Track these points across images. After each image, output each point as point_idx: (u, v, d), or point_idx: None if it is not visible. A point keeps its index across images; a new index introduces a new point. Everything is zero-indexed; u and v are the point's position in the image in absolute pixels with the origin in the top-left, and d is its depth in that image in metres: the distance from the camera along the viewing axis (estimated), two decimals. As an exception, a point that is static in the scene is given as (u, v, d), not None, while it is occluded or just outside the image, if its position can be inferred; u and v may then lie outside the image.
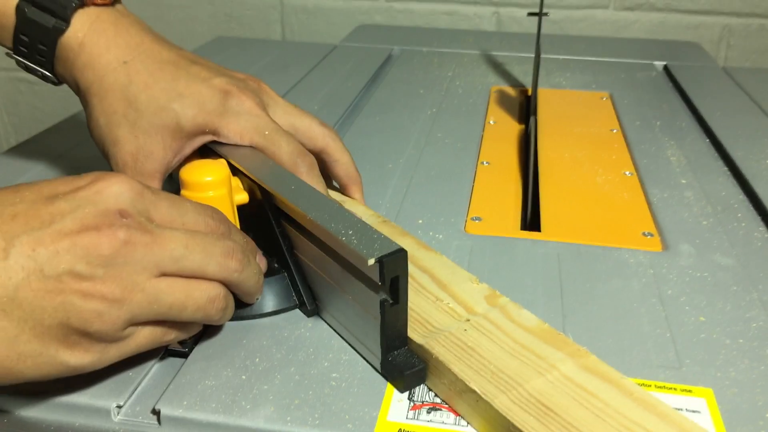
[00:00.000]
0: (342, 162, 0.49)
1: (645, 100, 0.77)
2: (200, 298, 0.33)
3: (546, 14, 0.72)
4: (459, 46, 0.99)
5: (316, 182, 0.44)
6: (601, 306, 0.41)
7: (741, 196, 0.55)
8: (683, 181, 0.57)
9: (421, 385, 0.35)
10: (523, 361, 0.33)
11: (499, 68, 0.90)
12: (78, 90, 0.45)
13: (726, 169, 0.60)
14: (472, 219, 0.51)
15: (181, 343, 0.36)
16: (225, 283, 0.35)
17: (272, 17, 1.25)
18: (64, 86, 0.47)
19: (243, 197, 0.41)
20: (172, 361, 0.37)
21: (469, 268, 0.45)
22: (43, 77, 0.46)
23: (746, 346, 0.38)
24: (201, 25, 1.28)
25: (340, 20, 1.23)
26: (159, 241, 0.32)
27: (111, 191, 0.32)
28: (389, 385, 0.35)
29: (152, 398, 0.34)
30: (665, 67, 0.91)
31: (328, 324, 0.39)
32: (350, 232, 0.35)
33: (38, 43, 0.43)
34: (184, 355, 0.37)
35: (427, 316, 0.37)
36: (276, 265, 0.41)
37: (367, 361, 0.36)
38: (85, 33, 0.43)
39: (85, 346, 0.31)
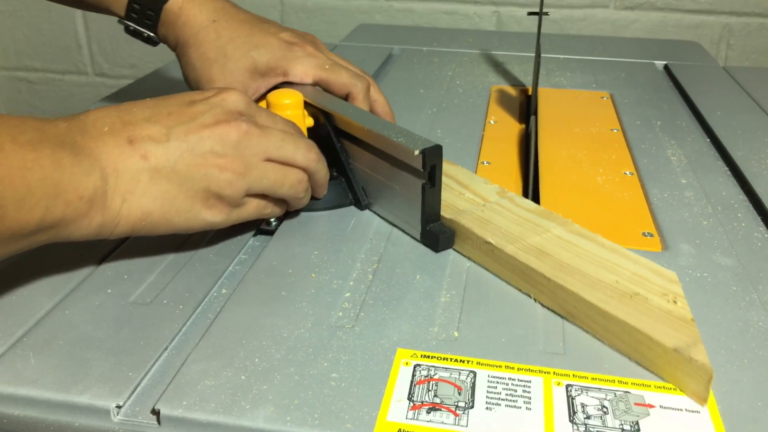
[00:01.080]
0: (379, 101, 0.60)
1: (645, 100, 0.77)
2: (292, 179, 0.46)
3: (546, 13, 0.72)
4: (459, 46, 0.99)
5: (375, 98, 0.59)
6: (601, 306, 0.41)
7: (741, 196, 0.55)
8: (683, 181, 0.57)
9: (422, 385, 0.35)
10: (525, 227, 0.45)
11: (500, 68, 0.90)
12: (177, 45, 0.57)
13: (726, 168, 0.60)
14: (472, 219, 0.52)
15: (268, 224, 0.49)
16: (306, 171, 0.47)
17: (272, 16, 1.25)
18: (64, 87, 0.48)
19: (309, 121, 0.53)
20: (172, 361, 0.37)
21: (469, 268, 0.45)
22: (147, 39, 0.58)
23: (746, 346, 0.38)
24: (201, 24, 1.28)
25: (340, 19, 1.23)
26: (266, 134, 0.44)
27: (231, 98, 0.44)
28: (389, 385, 0.35)
29: (152, 398, 0.34)
30: (665, 67, 0.91)
31: (377, 214, 0.52)
32: (398, 135, 0.47)
33: (147, 10, 0.56)
34: (271, 233, 0.49)
35: (453, 203, 0.49)
36: (335, 173, 0.53)
37: (409, 235, 0.49)
38: (183, 0, 0.56)
39: (219, 208, 0.43)
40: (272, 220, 0.49)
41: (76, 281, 0.43)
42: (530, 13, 0.76)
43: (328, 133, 0.52)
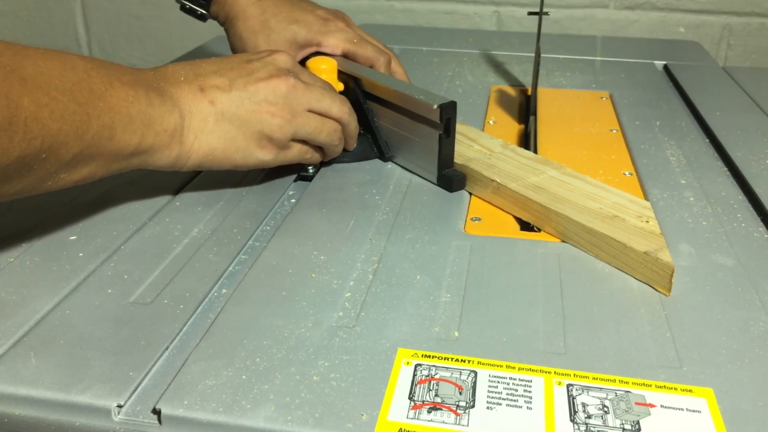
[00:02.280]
0: (398, 73, 0.68)
1: (645, 100, 0.77)
2: (329, 128, 0.54)
3: (546, 13, 0.72)
4: (459, 46, 0.99)
5: (395, 69, 0.67)
6: (601, 306, 0.41)
7: (740, 196, 0.55)
8: (683, 181, 0.57)
9: (423, 385, 0.35)
10: (525, 170, 0.54)
11: (499, 68, 0.90)
12: (225, 20, 0.65)
13: (726, 169, 0.60)
14: (472, 219, 0.52)
15: (306, 171, 0.58)
16: (340, 122, 0.55)
17: (272, 17, 1.24)
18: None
19: (340, 86, 0.61)
20: (173, 361, 0.37)
21: (469, 268, 0.45)
22: (200, 15, 0.67)
23: (746, 346, 0.38)
24: (201, 24, 1.28)
25: (340, 20, 1.22)
26: (309, 89, 0.53)
27: (281, 58, 0.53)
28: (389, 385, 0.35)
29: (153, 398, 0.34)
30: (665, 67, 0.91)
31: (399, 165, 0.60)
32: (419, 93, 0.55)
33: None
34: (310, 179, 0.58)
35: (464, 153, 0.57)
36: (362, 131, 0.61)
37: (427, 180, 0.57)
38: None
39: (269, 148, 0.52)
40: (310, 168, 0.58)
41: (76, 281, 0.43)
42: (530, 13, 0.76)
43: (356, 96, 0.61)
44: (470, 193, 0.55)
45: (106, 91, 0.42)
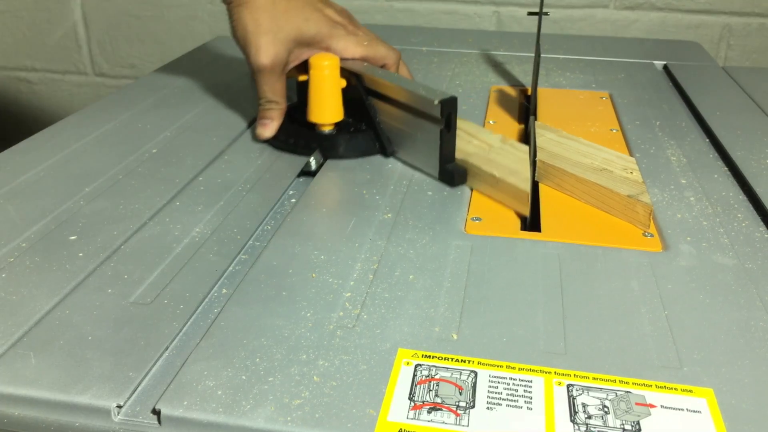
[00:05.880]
0: (404, 71, 0.69)
1: (645, 100, 0.77)
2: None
3: (546, 14, 0.72)
4: (459, 46, 0.99)
5: (401, 71, 0.68)
6: (601, 306, 0.41)
7: (741, 196, 0.55)
8: (683, 181, 0.57)
9: (423, 385, 0.35)
10: (522, 166, 0.55)
11: (499, 68, 0.90)
12: (232, 2, 0.62)
13: (726, 169, 0.60)
14: (472, 219, 0.51)
15: (308, 166, 0.60)
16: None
17: (272, 17, 1.24)
18: (64, 87, 0.48)
19: (343, 83, 0.62)
20: (173, 361, 0.37)
21: (469, 268, 0.45)
22: None
23: (746, 346, 0.38)
24: (201, 24, 1.28)
25: (340, 20, 1.22)
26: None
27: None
28: (389, 386, 0.35)
29: (152, 398, 0.34)
30: (665, 67, 0.91)
31: (401, 161, 0.61)
32: (420, 89, 0.57)
33: None
34: (312, 174, 0.59)
35: (464, 148, 0.58)
36: (365, 127, 0.63)
37: (429, 174, 0.58)
38: None
39: None
40: (312, 161, 0.59)
41: (76, 281, 0.43)
42: (530, 13, 0.76)
43: (359, 93, 0.62)
44: (471, 189, 0.56)
45: None
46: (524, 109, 0.75)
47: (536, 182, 0.57)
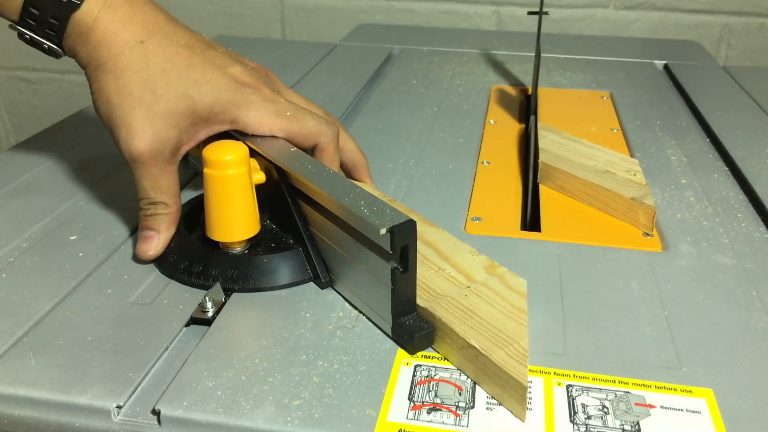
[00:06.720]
0: (347, 149, 0.51)
1: (645, 100, 0.77)
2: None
3: (546, 13, 0.72)
4: (459, 46, 0.99)
5: (343, 145, 0.50)
6: (601, 306, 0.41)
7: (741, 196, 0.55)
8: (683, 181, 0.57)
9: (422, 385, 0.35)
10: (519, 322, 0.37)
11: (500, 67, 0.90)
12: (88, 65, 0.44)
13: (726, 168, 0.60)
14: (472, 219, 0.51)
15: (204, 311, 0.40)
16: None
17: (272, 16, 1.25)
18: (64, 87, 0.47)
19: (260, 177, 0.44)
20: (173, 362, 0.37)
21: (469, 268, 0.45)
22: (48, 50, 0.44)
23: (746, 346, 0.38)
24: (201, 24, 1.28)
25: (341, 19, 1.22)
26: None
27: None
28: (389, 385, 0.35)
29: (152, 398, 0.34)
30: (665, 67, 0.91)
31: (341, 295, 0.42)
32: (362, 205, 0.37)
33: (49, 17, 0.43)
34: (208, 323, 0.40)
35: (430, 283, 0.40)
36: (291, 241, 0.44)
37: (379, 328, 0.39)
38: (99, 9, 0.43)
39: None
40: (210, 305, 0.40)
41: (76, 281, 0.43)
42: (530, 13, 0.76)
43: (282, 192, 0.43)
44: (436, 350, 0.38)
45: None
46: (525, 108, 0.75)
47: (536, 182, 0.57)
